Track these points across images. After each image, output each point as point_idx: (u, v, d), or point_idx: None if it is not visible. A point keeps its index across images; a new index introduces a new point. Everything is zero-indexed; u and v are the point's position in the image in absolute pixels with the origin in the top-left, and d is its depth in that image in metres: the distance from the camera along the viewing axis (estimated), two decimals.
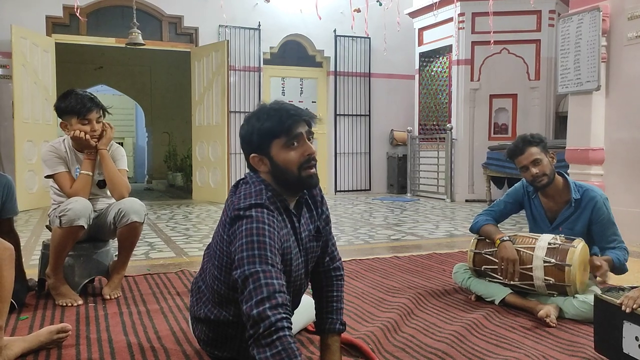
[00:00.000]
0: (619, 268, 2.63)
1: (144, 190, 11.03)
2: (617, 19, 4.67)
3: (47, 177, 2.83)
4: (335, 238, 1.94)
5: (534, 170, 2.66)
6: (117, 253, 2.95)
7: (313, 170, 1.65)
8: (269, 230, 1.52)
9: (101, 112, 2.84)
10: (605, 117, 4.78)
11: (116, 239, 2.87)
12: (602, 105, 4.79)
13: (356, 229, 5.41)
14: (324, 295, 1.86)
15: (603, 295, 2.00)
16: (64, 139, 2.89)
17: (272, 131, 1.62)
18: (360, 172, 9.51)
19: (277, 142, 1.62)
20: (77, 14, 6.98)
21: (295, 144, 1.63)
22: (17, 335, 2.17)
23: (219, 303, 1.74)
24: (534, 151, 2.67)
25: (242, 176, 1.76)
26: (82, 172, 2.79)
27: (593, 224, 2.69)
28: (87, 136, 2.76)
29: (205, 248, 1.86)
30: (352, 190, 9.40)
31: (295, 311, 1.79)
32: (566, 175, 2.79)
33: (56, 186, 2.83)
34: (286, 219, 1.67)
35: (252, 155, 1.67)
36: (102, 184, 2.90)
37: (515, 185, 2.94)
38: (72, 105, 2.76)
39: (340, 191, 9.28)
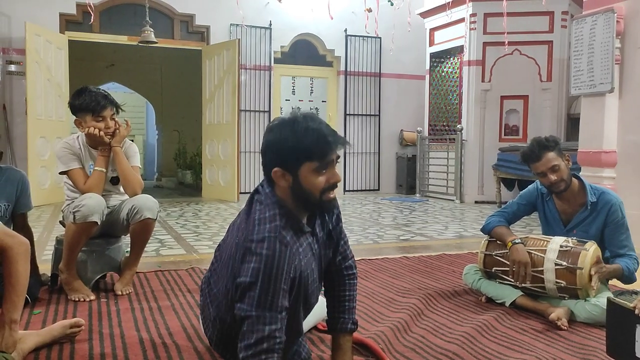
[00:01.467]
0: (627, 277, 2.59)
1: (153, 187, 11.08)
2: (632, 21, 4.63)
3: (61, 173, 2.86)
4: (347, 236, 1.93)
5: (553, 177, 2.61)
6: (128, 249, 2.97)
7: (333, 194, 1.62)
8: (276, 270, 1.49)
9: (115, 109, 2.86)
10: (618, 119, 4.75)
11: (128, 235, 2.89)
12: (615, 108, 4.75)
13: (365, 228, 5.41)
14: (336, 294, 1.86)
15: (616, 299, 1.98)
16: (77, 136, 2.92)
17: (308, 153, 1.54)
18: (369, 172, 9.50)
19: (308, 164, 1.55)
20: (89, 8, 7.02)
21: (325, 170, 1.57)
22: (31, 330, 2.19)
23: (229, 307, 1.73)
24: (551, 157, 2.61)
25: (254, 178, 1.75)
26: (96, 168, 2.81)
27: (606, 227, 2.66)
28: (101, 133, 2.79)
29: (216, 248, 1.85)
30: (361, 190, 9.40)
31: None
32: (582, 178, 2.75)
33: (70, 182, 2.86)
34: (301, 240, 1.63)
35: (276, 169, 1.58)
36: (115, 181, 2.92)
37: (529, 187, 2.91)
38: (86, 103, 2.78)
39: (349, 191, 9.27)
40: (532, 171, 2.72)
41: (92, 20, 7.16)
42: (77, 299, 2.69)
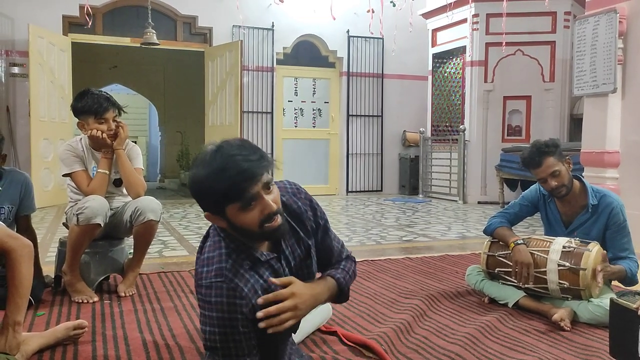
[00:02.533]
0: (629, 279, 2.59)
1: (156, 189, 11.10)
2: (635, 21, 4.62)
3: (65, 175, 2.87)
4: (336, 237, 1.78)
5: (553, 183, 2.60)
6: (131, 251, 2.98)
7: (276, 222, 1.44)
8: (229, 316, 1.43)
9: (117, 111, 2.87)
10: (621, 119, 4.74)
11: (132, 236, 2.89)
12: (618, 108, 4.74)
13: (368, 229, 5.41)
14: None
15: (619, 300, 1.98)
16: (80, 138, 2.93)
17: (224, 196, 1.40)
18: (372, 172, 9.50)
19: (231, 206, 1.41)
20: (86, 16, 7.04)
21: (253, 204, 1.41)
22: (35, 331, 2.20)
23: None
24: (551, 162, 2.59)
25: None
26: (99, 170, 2.82)
27: (607, 230, 2.66)
28: (104, 135, 2.79)
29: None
30: (364, 191, 9.40)
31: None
32: (583, 180, 2.74)
33: (73, 184, 2.87)
34: (261, 271, 1.51)
35: (206, 213, 1.48)
36: (118, 183, 2.93)
37: (531, 187, 2.91)
38: (89, 105, 2.79)
39: (352, 192, 9.27)
40: (533, 176, 2.72)
41: (90, 22, 7.17)
42: (80, 301, 2.70)
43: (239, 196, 1.39)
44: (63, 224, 3.04)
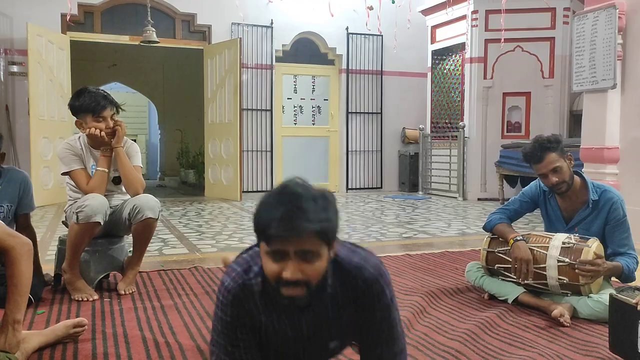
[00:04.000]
0: (627, 276, 2.58)
1: (156, 187, 11.10)
2: (634, 16, 4.61)
3: (64, 174, 2.87)
4: (395, 344, 1.46)
5: (554, 178, 2.60)
6: (131, 249, 2.98)
7: (293, 292, 1.27)
8: (224, 324, 1.40)
9: (115, 109, 2.86)
10: (620, 115, 4.73)
11: (131, 234, 2.89)
12: (618, 104, 4.74)
13: (367, 226, 5.41)
14: None
15: (618, 295, 1.99)
16: (79, 137, 2.93)
17: (257, 230, 1.27)
18: (371, 169, 9.50)
19: (262, 244, 1.28)
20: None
21: (277, 259, 1.26)
22: (35, 329, 2.20)
23: None
24: (553, 158, 2.59)
25: (256, 177, 1.61)
26: (98, 168, 2.82)
27: (607, 225, 2.65)
28: (103, 133, 2.79)
29: None
30: (364, 188, 9.40)
31: None
32: (584, 175, 2.74)
33: (72, 183, 2.87)
34: (280, 309, 1.40)
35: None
36: (117, 180, 2.93)
37: (531, 184, 2.90)
38: (86, 104, 2.79)
39: (351, 189, 9.27)
40: (534, 171, 2.71)
41: (93, 20, 7.16)
42: (80, 299, 2.70)
43: (266, 239, 1.25)
44: (62, 222, 3.04)
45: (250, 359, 1.41)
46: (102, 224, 2.68)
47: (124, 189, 2.94)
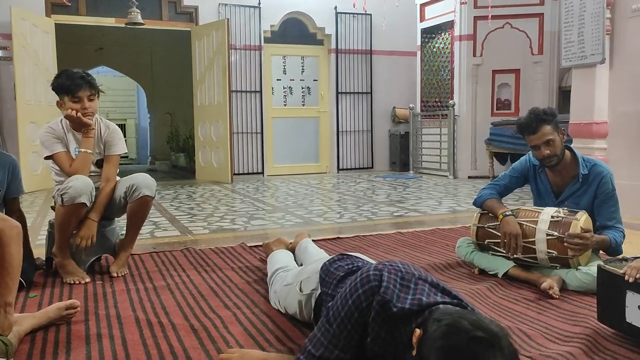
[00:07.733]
0: (614, 249, 2.60)
1: (147, 171, 10.98)
2: None
3: (47, 158, 2.84)
4: None
5: (546, 151, 2.61)
6: (123, 232, 2.97)
7: None
8: (350, 314, 1.50)
9: (94, 90, 2.82)
10: (609, 90, 4.75)
11: (124, 215, 2.89)
12: (606, 79, 4.75)
13: (359, 206, 5.43)
14: None
15: (606, 266, 2.01)
16: (61, 119, 2.89)
17: None
18: (362, 150, 9.50)
19: None
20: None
21: None
22: (27, 312, 2.20)
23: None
24: (547, 131, 2.59)
25: (246, 159, 1.65)
26: (80, 150, 2.80)
27: (596, 198, 2.68)
28: (79, 114, 2.75)
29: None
30: (355, 169, 9.40)
31: None
32: (574, 150, 2.75)
33: (56, 167, 2.84)
34: None
35: None
36: (100, 163, 2.90)
37: (521, 159, 2.92)
38: (61, 83, 2.76)
39: (342, 169, 9.28)
40: (526, 142, 2.72)
41: (78, 2, 7.03)
42: (72, 282, 2.70)
43: None
44: (52, 207, 3.02)
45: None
46: (88, 205, 2.67)
47: None
